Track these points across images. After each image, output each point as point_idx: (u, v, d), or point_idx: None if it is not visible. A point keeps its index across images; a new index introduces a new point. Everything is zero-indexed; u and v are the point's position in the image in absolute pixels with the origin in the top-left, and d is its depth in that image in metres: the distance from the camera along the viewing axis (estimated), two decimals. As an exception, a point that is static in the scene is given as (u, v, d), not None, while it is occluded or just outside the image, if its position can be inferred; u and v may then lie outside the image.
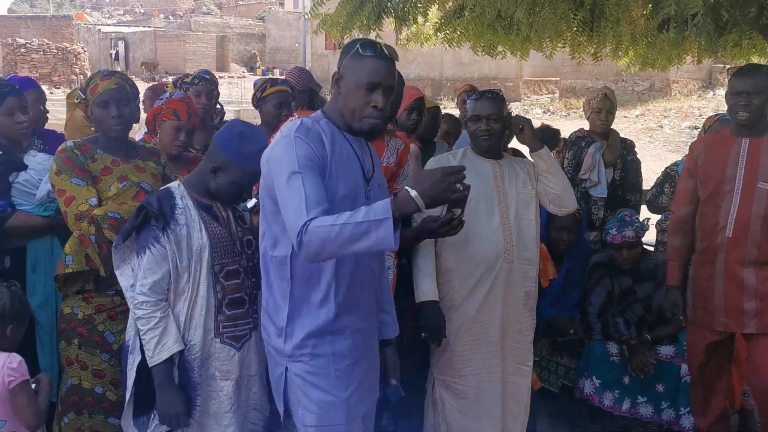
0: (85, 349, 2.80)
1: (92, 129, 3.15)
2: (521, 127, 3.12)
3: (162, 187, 2.68)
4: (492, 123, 3.05)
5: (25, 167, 3.10)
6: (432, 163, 3.16)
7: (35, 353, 3.04)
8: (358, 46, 2.26)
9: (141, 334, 2.50)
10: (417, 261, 3.09)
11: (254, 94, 3.93)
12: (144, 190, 2.88)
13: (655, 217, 4.74)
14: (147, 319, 2.48)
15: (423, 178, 2.04)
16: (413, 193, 2.01)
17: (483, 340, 3.10)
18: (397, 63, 2.33)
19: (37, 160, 3.13)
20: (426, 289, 3.05)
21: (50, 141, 3.43)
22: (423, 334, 3.06)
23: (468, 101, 3.14)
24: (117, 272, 2.57)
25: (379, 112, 2.24)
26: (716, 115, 4.57)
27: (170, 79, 4.18)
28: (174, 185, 2.62)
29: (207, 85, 3.93)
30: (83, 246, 2.75)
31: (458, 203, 2.14)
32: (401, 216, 2.03)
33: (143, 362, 2.52)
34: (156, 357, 2.48)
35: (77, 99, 3.05)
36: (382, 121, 2.29)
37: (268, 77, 4.25)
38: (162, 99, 3.40)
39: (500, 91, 3.18)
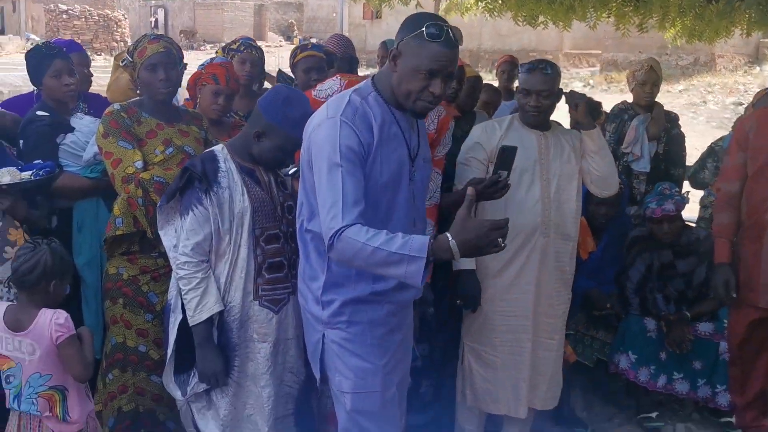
0: (129, 308, 2.87)
1: (137, 92, 3.18)
2: (576, 104, 3.05)
3: (206, 150, 2.71)
4: (542, 99, 2.99)
5: (71, 129, 3.16)
6: (478, 130, 3.12)
7: (80, 312, 3.12)
8: (424, 28, 2.12)
9: (182, 293, 2.55)
10: None
11: (290, 62, 3.95)
12: (188, 154, 2.92)
13: (697, 193, 4.66)
14: (188, 279, 2.53)
15: (468, 229, 1.98)
16: (453, 243, 1.97)
17: (516, 312, 3.10)
18: None
19: (83, 123, 3.17)
20: (464, 258, 3.03)
21: (95, 104, 3.48)
22: (458, 302, 3.07)
23: (521, 72, 3.06)
24: (161, 233, 2.63)
25: (435, 98, 2.18)
26: (766, 89, 4.45)
27: (208, 47, 4.16)
28: (218, 149, 2.65)
29: (252, 52, 3.93)
30: (131, 208, 2.79)
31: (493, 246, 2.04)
32: (435, 260, 2.01)
33: (184, 321, 2.58)
34: (196, 317, 2.53)
35: (123, 61, 3.08)
36: (434, 107, 2.24)
37: (303, 43, 4.22)
38: (203, 65, 3.42)
39: (554, 65, 3.07)
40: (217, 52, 4.01)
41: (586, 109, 3.05)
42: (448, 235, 1.98)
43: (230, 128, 3.37)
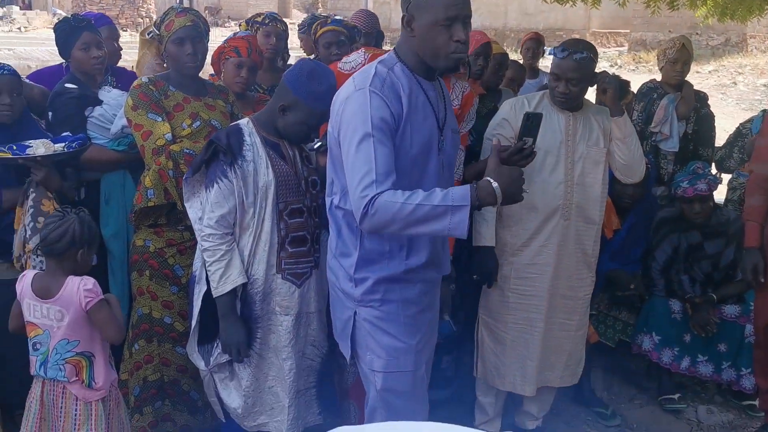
0: (155, 280, 2.91)
1: (164, 67, 3.19)
2: (605, 89, 2.99)
3: (232, 123, 2.72)
4: (571, 86, 2.93)
5: (99, 102, 3.18)
6: (507, 107, 3.09)
7: (107, 283, 3.16)
8: None
9: (207, 265, 2.58)
10: None
11: (312, 38, 3.92)
12: (214, 127, 2.92)
13: (726, 174, 4.59)
14: (213, 251, 2.55)
15: (504, 173, 2.06)
16: (495, 185, 2.01)
17: (531, 292, 3.09)
18: None
19: (111, 96, 3.19)
20: (484, 234, 3.03)
21: (123, 78, 3.49)
22: (475, 276, 3.07)
23: (553, 54, 2.97)
24: (186, 204, 2.65)
25: (463, 45, 2.16)
26: None
27: (233, 24, 4.15)
28: (243, 122, 2.66)
29: (277, 25, 3.91)
30: (162, 180, 2.81)
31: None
32: (479, 206, 2.03)
33: (209, 293, 2.61)
34: (220, 288, 2.56)
35: (149, 33, 3.09)
36: (465, 54, 2.22)
37: (323, 16, 4.18)
38: (226, 40, 3.42)
39: (591, 50, 2.96)
40: (240, 26, 4.00)
41: (614, 95, 3.00)
42: (490, 179, 2.02)
43: (255, 102, 3.37)
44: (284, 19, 4.55)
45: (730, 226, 3.79)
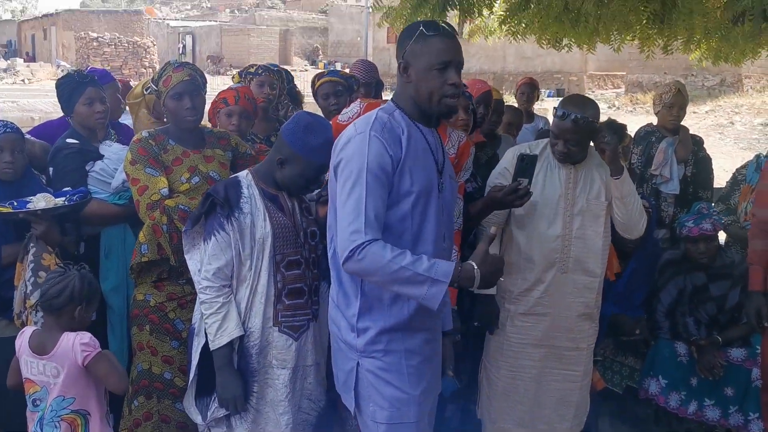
0: (156, 335, 2.89)
1: (164, 120, 3.23)
2: (603, 149, 2.98)
3: (231, 176, 2.73)
4: (571, 146, 2.94)
5: (100, 157, 3.20)
6: (509, 155, 3.09)
7: (106, 337, 3.13)
8: (421, 28, 2.22)
9: (204, 318, 2.57)
10: None
11: (312, 91, 3.98)
12: (213, 179, 2.94)
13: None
14: (210, 304, 2.55)
15: (488, 262, 2.12)
16: (477, 271, 2.09)
17: (526, 340, 3.09)
18: None
19: (112, 150, 3.22)
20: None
21: (125, 134, 3.53)
22: (476, 323, 3.07)
23: (555, 114, 2.97)
24: (186, 257, 2.65)
25: (456, 89, 2.23)
26: None
27: (235, 71, 4.19)
28: (242, 174, 2.68)
29: (270, 75, 3.96)
30: (156, 235, 2.82)
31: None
32: (457, 286, 2.11)
33: (207, 345, 2.59)
34: (217, 341, 2.54)
35: (147, 89, 3.13)
36: (457, 100, 2.28)
37: (322, 71, 4.26)
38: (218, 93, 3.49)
39: (591, 108, 2.95)
40: (234, 78, 4.06)
41: (613, 156, 2.99)
42: (474, 264, 2.08)
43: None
44: (286, 66, 4.61)
45: (735, 268, 3.76)
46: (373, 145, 2.15)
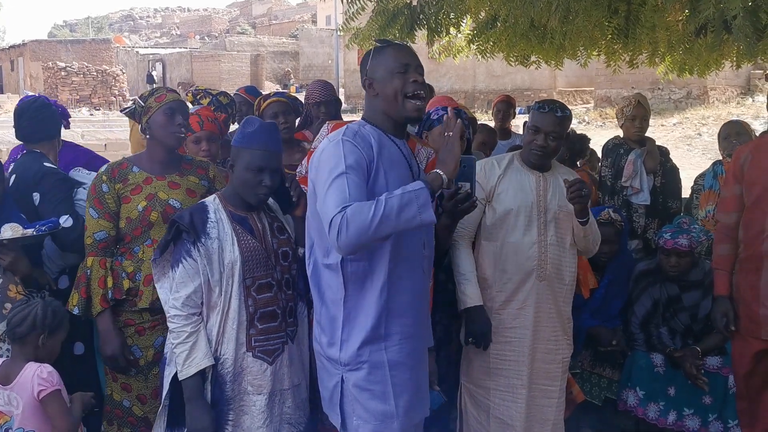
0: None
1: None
2: (572, 198, 2.88)
3: (199, 201, 2.69)
4: (550, 141, 2.96)
5: (80, 184, 3.17)
6: (477, 168, 3.08)
7: (96, 366, 3.12)
8: (376, 44, 2.39)
9: (173, 347, 2.51)
10: (458, 267, 3.04)
11: (256, 114, 3.97)
12: (172, 207, 2.88)
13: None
14: (177, 333, 2.50)
15: (443, 155, 2.25)
16: (438, 173, 2.19)
17: (512, 357, 3.05)
18: (429, 76, 2.38)
19: (90, 177, 3.16)
20: (471, 294, 2.99)
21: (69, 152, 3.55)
22: (470, 339, 3.00)
23: (533, 110, 3.02)
24: (157, 285, 2.59)
25: (420, 86, 2.31)
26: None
27: (205, 100, 4.21)
28: (209, 199, 2.64)
29: (221, 98, 4.05)
30: (80, 279, 2.83)
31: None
32: (432, 191, 2.15)
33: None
34: (185, 371, 2.48)
35: (123, 110, 3.13)
36: (424, 102, 2.34)
37: (268, 93, 4.37)
38: None
39: (567, 108, 3.04)
40: (188, 95, 4.12)
41: (583, 209, 2.95)
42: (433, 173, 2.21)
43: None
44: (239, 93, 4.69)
45: (707, 276, 3.76)
46: (347, 146, 2.22)
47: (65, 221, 2.99)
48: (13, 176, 3.16)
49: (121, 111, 3.24)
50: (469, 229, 3.04)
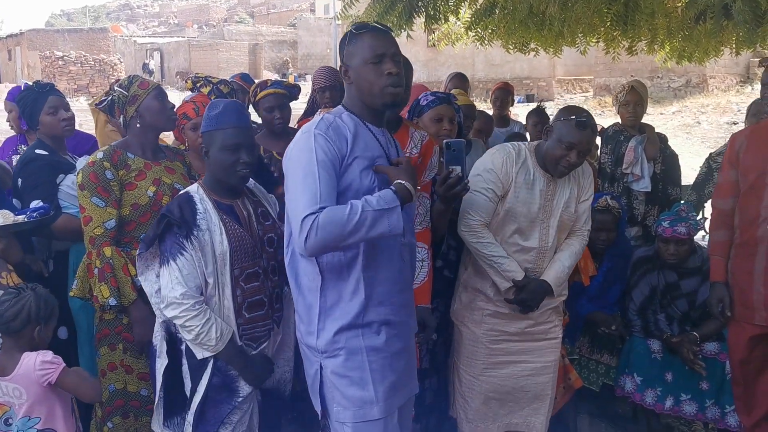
0: (130, 353, 2.84)
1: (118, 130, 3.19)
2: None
3: (182, 192, 2.64)
4: (581, 157, 2.87)
5: (70, 169, 3.14)
6: (488, 156, 3.05)
7: (77, 357, 3.09)
8: (352, 30, 2.30)
9: (192, 339, 2.46)
10: (486, 249, 2.95)
11: (252, 101, 3.85)
12: (177, 191, 2.85)
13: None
14: (193, 325, 2.45)
15: (402, 172, 2.24)
16: (403, 183, 2.18)
17: (500, 338, 3.10)
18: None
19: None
20: (512, 268, 2.96)
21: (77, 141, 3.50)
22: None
23: (567, 123, 2.83)
24: (141, 278, 2.57)
25: (395, 77, 2.25)
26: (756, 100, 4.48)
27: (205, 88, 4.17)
28: (192, 188, 2.60)
29: (221, 86, 3.97)
30: (88, 276, 2.77)
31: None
32: (402, 202, 2.16)
33: (170, 366, 2.54)
34: (218, 346, 2.48)
35: (99, 103, 3.05)
36: (401, 88, 2.30)
37: (263, 80, 4.20)
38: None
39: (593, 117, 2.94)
40: (187, 82, 4.06)
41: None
42: (398, 183, 2.20)
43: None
44: (255, 80, 4.61)
45: (705, 263, 3.75)
46: (318, 140, 2.19)
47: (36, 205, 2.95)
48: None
49: (96, 106, 3.16)
50: (485, 217, 2.97)
